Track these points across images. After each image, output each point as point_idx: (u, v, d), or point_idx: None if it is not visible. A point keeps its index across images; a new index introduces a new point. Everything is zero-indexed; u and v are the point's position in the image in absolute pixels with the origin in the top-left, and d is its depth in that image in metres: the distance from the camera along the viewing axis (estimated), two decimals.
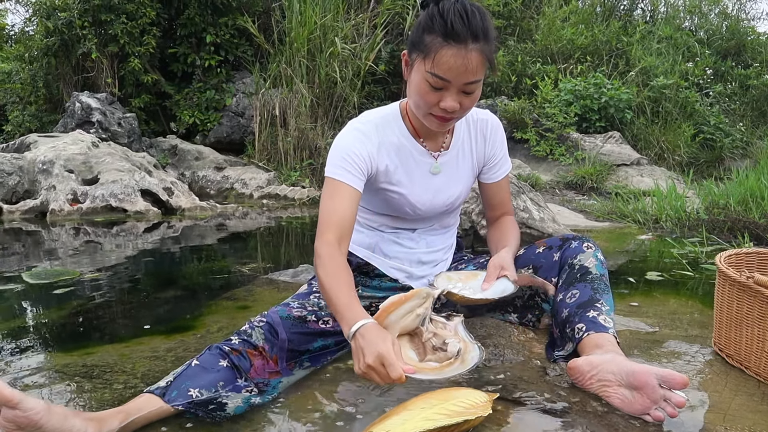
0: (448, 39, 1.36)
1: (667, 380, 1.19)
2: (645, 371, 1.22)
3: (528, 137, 6.52)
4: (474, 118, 1.71)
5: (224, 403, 1.26)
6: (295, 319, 1.50)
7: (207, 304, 2.29)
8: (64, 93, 7.44)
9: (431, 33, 1.39)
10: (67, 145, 5.36)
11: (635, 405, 1.23)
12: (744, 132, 7.68)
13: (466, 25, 1.35)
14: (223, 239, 4.03)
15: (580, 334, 1.43)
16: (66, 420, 1.10)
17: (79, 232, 4.19)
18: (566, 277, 1.60)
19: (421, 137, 1.63)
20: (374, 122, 1.61)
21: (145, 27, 6.98)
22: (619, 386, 1.26)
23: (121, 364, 1.62)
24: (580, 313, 1.47)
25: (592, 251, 1.62)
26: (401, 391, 1.36)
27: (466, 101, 1.44)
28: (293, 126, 6.57)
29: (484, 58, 1.39)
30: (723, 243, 3.25)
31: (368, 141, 1.57)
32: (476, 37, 1.36)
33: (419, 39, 1.42)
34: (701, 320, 1.96)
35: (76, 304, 2.30)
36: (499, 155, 1.75)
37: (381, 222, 1.74)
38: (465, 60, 1.36)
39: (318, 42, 6.65)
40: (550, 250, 1.69)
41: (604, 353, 1.34)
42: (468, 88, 1.41)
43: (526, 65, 7.61)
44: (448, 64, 1.37)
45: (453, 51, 1.36)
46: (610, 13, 9.27)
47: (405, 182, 1.63)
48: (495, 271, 1.59)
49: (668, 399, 1.19)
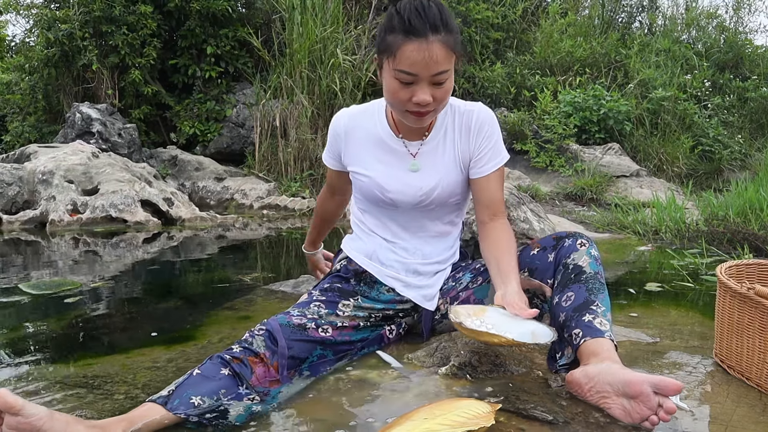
0: (408, 35, 1.41)
1: (661, 388, 1.19)
2: (639, 381, 1.21)
3: (528, 148, 6.54)
4: (461, 110, 1.70)
5: (226, 410, 1.27)
6: (295, 326, 1.51)
7: (207, 314, 2.29)
8: (64, 104, 7.46)
9: (392, 32, 1.44)
10: (67, 156, 5.37)
11: (634, 414, 1.22)
12: (742, 144, 7.70)
13: (423, 19, 1.40)
14: (224, 250, 4.02)
15: (578, 340, 1.42)
16: (68, 426, 1.10)
17: (79, 242, 4.19)
18: (561, 278, 1.57)
19: (401, 133, 1.69)
20: (353, 111, 1.77)
21: (146, 38, 7.01)
22: (617, 396, 1.25)
23: (122, 374, 1.62)
24: (576, 317, 1.45)
25: (586, 248, 1.59)
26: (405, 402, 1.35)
27: (438, 93, 1.48)
28: (293, 137, 6.59)
29: (448, 47, 1.43)
30: (723, 254, 3.25)
31: (338, 127, 1.76)
32: (435, 28, 1.41)
33: (383, 40, 1.48)
34: (701, 331, 1.96)
35: (76, 315, 2.30)
36: (486, 148, 1.68)
37: (375, 224, 1.78)
38: (428, 52, 1.40)
39: (319, 53, 6.69)
40: (545, 251, 1.66)
41: (599, 362, 1.33)
42: (437, 79, 1.45)
43: (525, 77, 7.65)
44: (412, 59, 1.41)
45: (414, 45, 1.41)
46: (609, 26, 9.33)
47: (373, 166, 1.70)
48: (519, 311, 1.45)
49: (662, 405, 1.19)
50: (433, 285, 1.75)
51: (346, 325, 1.62)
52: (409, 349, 1.71)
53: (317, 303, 1.63)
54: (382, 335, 1.72)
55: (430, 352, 1.64)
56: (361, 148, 1.72)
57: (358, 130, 1.73)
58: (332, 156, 1.82)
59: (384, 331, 1.72)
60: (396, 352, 1.70)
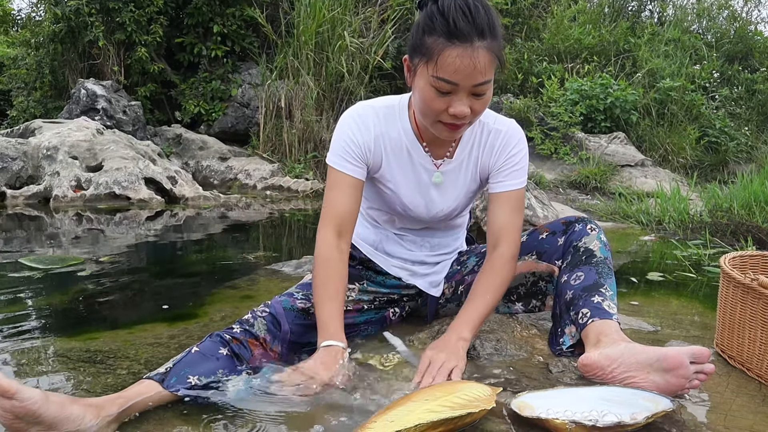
0: (451, 39, 1.26)
1: (698, 356, 1.23)
2: (676, 353, 1.23)
3: (533, 135, 6.51)
4: (489, 127, 1.56)
5: (225, 385, 1.27)
6: (299, 310, 1.50)
7: (210, 292, 2.30)
8: (69, 80, 7.45)
9: (432, 34, 1.28)
10: (71, 132, 5.36)
11: (671, 387, 1.24)
12: (749, 136, 7.66)
13: (470, 22, 1.25)
14: (226, 229, 4.03)
15: (585, 320, 1.42)
16: (64, 408, 1.09)
17: (82, 218, 4.20)
18: (571, 259, 1.56)
19: (425, 141, 1.54)
20: (377, 111, 1.54)
21: (153, 15, 6.97)
22: (647, 373, 1.25)
23: (125, 350, 1.63)
24: (585, 296, 1.45)
25: (596, 233, 1.59)
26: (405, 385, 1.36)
27: (477, 105, 1.34)
28: (298, 118, 6.56)
29: (493, 55, 1.29)
30: (726, 246, 3.25)
31: (366, 130, 1.51)
32: (482, 33, 1.26)
33: (420, 42, 1.32)
34: (702, 322, 1.96)
35: (79, 290, 2.31)
36: (505, 166, 1.55)
37: (384, 219, 1.72)
38: (472, 60, 1.26)
39: (326, 35, 6.64)
40: (554, 236, 1.64)
41: (612, 343, 1.33)
42: (478, 90, 1.31)
43: (532, 63, 7.61)
44: (454, 66, 1.27)
45: (458, 51, 1.26)
46: (618, 14, 9.24)
47: (400, 182, 1.57)
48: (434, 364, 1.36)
49: (700, 371, 1.23)
50: (439, 272, 1.75)
51: (350, 309, 1.62)
52: (411, 330, 1.71)
53: None
54: (386, 317, 1.72)
55: (432, 334, 1.65)
56: (387, 156, 1.54)
57: (386, 136, 1.53)
58: (356, 164, 1.51)
59: (388, 313, 1.73)
60: (399, 333, 1.70)
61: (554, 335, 1.57)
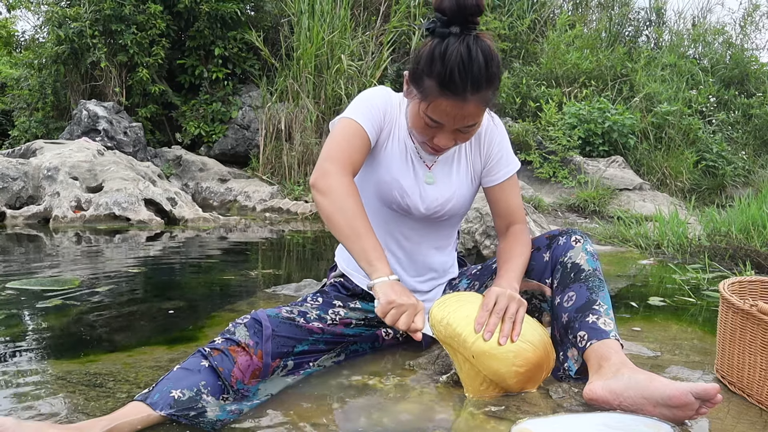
0: (444, 90, 1.33)
1: (702, 395, 1.20)
2: (682, 393, 1.20)
3: (531, 159, 6.55)
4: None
5: (204, 409, 1.25)
6: (283, 318, 1.48)
7: (209, 315, 2.29)
8: (71, 101, 7.51)
9: (430, 76, 1.34)
10: (72, 152, 5.39)
11: (677, 418, 1.23)
12: (746, 160, 7.72)
13: (465, 77, 1.30)
14: (226, 251, 4.03)
15: (584, 343, 1.41)
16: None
17: (82, 239, 4.20)
18: (560, 278, 1.55)
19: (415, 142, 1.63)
20: (393, 97, 1.62)
21: (155, 38, 7.06)
22: (654, 407, 1.24)
23: (125, 373, 1.62)
24: (580, 318, 1.44)
25: (581, 245, 1.56)
26: (404, 407, 1.35)
27: (462, 137, 1.46)
28: (298, 140, 6.61)
29: (483, 105, 1.38)
30: (724, 270, 3.26)
31: (384, 104, 1.58)
32: (477, 87, 1.32)
33: (419, 77, 1.38)
34: (702, 347, 1.96)
35: (78, 312, 2.30)
36: (496, 156, 1.66)
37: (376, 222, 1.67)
38: (462, 110, 1.36)
39: (325, 58, 6.72)
40: (539, 251, 1.63)
41: (616, 371, 1.32)
42: (464, 129, 1.43)
43: (530, 88, 7.68)
44: (445, 112, 1.37)
45: (449, 102, 1.35)
46: (615, 39, 9.36)
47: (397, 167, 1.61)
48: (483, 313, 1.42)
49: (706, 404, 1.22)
50: (431, 299, 1.76)
51: (337, 323, 1.60)
52: (410, 356, 1.71)
53: (311, 302, 1.62)
54: (377, 335, 1.72)
55: (431, 359, 1.65)
56: (392, 139, 1.61)
57: (395, 122, 1.62)
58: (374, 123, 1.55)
59: (380, 332, 1.72)
60: (397, 359, 1.70)
61: (556, 360, 1.56)
